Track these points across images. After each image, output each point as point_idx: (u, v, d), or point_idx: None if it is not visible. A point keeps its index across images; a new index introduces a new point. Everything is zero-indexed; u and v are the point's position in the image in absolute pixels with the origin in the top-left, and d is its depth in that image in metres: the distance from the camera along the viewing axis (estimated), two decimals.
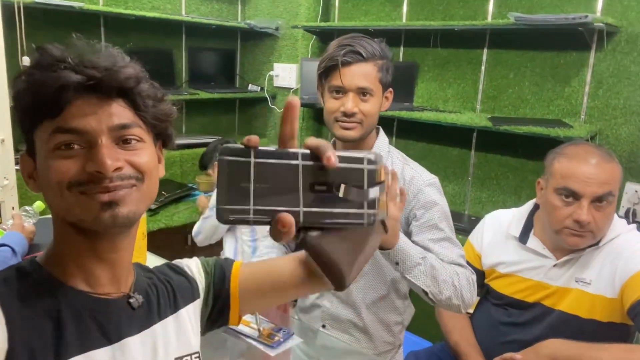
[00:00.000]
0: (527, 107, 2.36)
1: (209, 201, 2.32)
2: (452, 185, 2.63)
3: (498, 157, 2.47)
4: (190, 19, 2.89)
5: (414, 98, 2.73)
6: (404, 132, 2.73)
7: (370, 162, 0.47)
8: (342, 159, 0.46)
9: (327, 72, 1.28)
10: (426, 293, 1.16)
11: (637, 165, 2.07)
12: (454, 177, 2.62)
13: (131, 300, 0.68)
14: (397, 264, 1.16)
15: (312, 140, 0.48)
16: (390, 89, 1.33)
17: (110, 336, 0.64)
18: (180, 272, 0.80)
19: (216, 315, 0.81)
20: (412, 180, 1.30)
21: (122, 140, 0.61)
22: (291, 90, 3.22)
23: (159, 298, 0.73)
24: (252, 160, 0.46)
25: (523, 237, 1.37)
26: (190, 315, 0.77)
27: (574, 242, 1.23)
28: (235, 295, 0.79)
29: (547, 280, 1.31)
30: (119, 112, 0.61)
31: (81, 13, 2.38)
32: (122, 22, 2.62)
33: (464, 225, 2.37)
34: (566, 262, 1.29)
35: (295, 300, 2.50)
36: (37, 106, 0.59)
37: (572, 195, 1.21)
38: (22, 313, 0.59)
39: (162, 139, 0.69)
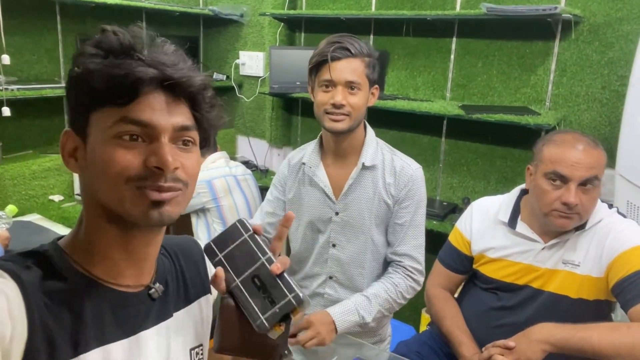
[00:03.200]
0: (495, 95, 2.44)
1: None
2: (424, 172, 2.66)
3: (468, 144, 2.55)
4: (152, 5, 2.76)
5: (385, 87, 2.76)
6: (376, 120, 2.74)
7: (296, 298, 0.61)
8: (283, 280, 0.62)
9: (317, 67, 1.36)
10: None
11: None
12: (425, 164, 2.65)
13: (151, 292, 0.69)
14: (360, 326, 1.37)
15: (282, 256, 0.64)
16: (376, 86, 1.40)
17: (127, 329, 0.65)
18: (192, 258, 0.80)
19: None
20: (402, 170, 1.43)
21: (180, 140, 0.63)
22: (259, 79, 3.16)
23: (178, 285, 0.75)
24: (246, 236, 0.67)
25: (512, 222, 1.42)
26: (202, 306, 0.78)
27: (562, 223, 1.29)
28: None
29: (536, 263, 1.37)
30: (184, 113, 0.63)
31: (35, 0, 2.22)
32: (79, 8, 2.47)
33: (436, 210, 2.45)
34: (554, 245, 1.36)
35: None
36: (108, 91, 0.59)
37: (560, 179, 1.27)
38: (43, 301, 0.59)
39: (204, 142, 0.70)
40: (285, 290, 0.61)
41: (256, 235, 0.64)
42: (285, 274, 0.62)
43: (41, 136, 2.50)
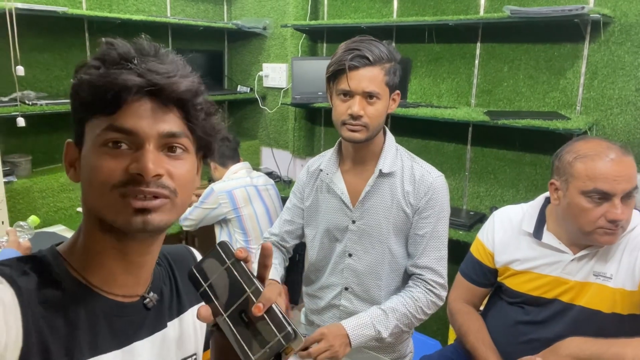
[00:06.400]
0: (522, 100, 2.36)
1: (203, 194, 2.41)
2: (449, 180, 2.62)
3: (494, 151, 2.47)
4: (177, 20, 2.82)
5: (407, 94, 2.71)
6: (399, 128, 2.71)
7: (287, 336, 0.56)
8: (272, 315, 0.56)
9: (335, 75, 1.31)
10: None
11: (634, 154, 2.08)
12: (450, 172, 2.61)
13: (146, 301, 0.69)
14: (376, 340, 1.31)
15: (269, 288, 0.58)
16: (398, 91, 1.36)
17: (121, 340, 0.65)
18: (186, 268, 0.77)
19: None
20: (422, 178, 1.37)
21: (168, 147, 0.62)
22: (282, 90, 3.17)
23: (172, 294, 0.74)
24: (229, 263, 0.61)
25: (537, 233, 1.35)
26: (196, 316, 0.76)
27: (609, 240, 1.22)
28: None
29: (565, 276, 1.29)
30: (171, 120, 0.62)
31: (65, 18, 2.30)
32: (106, 25, 2.54)
33: (462, 220, 2.37)
34: (584, 256, 1.28)
35: (296, 302, 2.50)
36: (95, 100, 0.60)
37: (602, 195, 1.19)
38: (39, 308, 0.59)
39: (204, 151, 0.69)
40: (274, 329, 0.56)
41: (241, 262, 0.60)
42: (275, 307, 0.57)
43: None
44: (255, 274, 0.61)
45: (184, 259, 0.80)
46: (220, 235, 2.49)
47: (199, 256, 0.83)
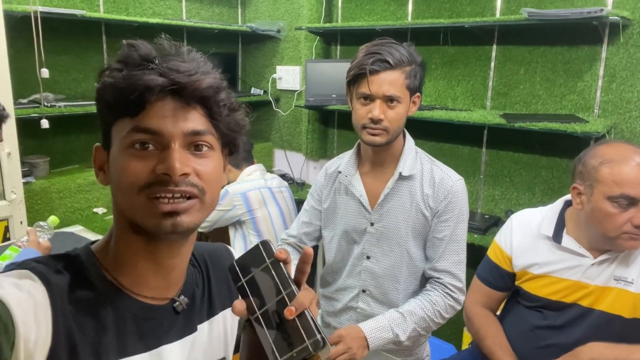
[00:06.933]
0: (539, 102, 2.34)
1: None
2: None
3: (510, 154, 2.45)
4: (192, 23, 2.84)
5: (422, 97, 2.70)
6: (413, 131, 2.68)
7: (315, 343, 0.55)
8: (303, 320, 0.57)
9: (355, 79, 1.31)
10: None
11: None
12: (465, 175, 2.57)
13: (175, 305, 0.68)
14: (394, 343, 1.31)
15: (303, 293, 0.58)
16: (418, 94, 1.36)
17: (149, 342, 0.65)
18: (222, 268, 0.77)
19: None
20: (442, 181, 1.37)
21: (193, 145, 0.62)
22: (295, 93, 3.18)
23: (203, 296, 0.74)
24: (268, 263, 0.61)
25: (557, 237, 1.34)
26: (227, 318, 0.76)
27: (633, 245, 1.20)
28: None
29: (585, 280, 1.28)
30: (195, 118, 0.62)
31: (83, 21, 2.34)
32: (123, 28, 2.57)
33: (477, 223, 2.35)
34: (604, 260, 1.26)
35: None
36: (120, 103, 0.60)
37: (630, 201, 1.18)
38: (69, 307, 0.59)
39: (230, 147, 0.69)
40: (304, 334, 0.56)
41: (280, 263, 0.60)
42: (307, 313, 0.57)
43: (87, 151, 2.60)
44: (292, 276, 0.61)
45: (221, 257, 0.79)
46: (235, 237, 2.50)
47: (236, 255, 0.83)
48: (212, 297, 0.75)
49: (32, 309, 0.55)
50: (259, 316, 0.59)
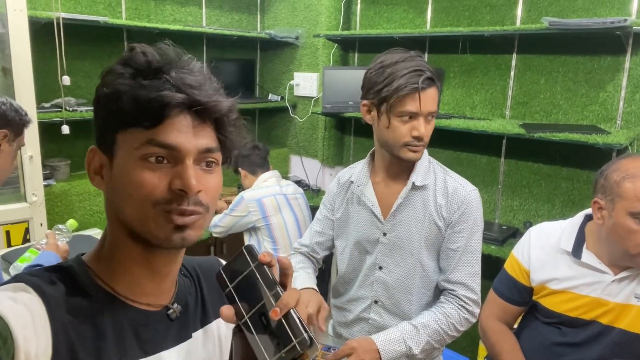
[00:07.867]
0: (560, 113, 2.30)
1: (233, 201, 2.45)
2: (482, 193, 2.54)
3: (529, 165, 2.41)
4: (212, 30, 2.87)
5: (440, 105, 2.68)
6: (430, 139, 2.68)
7: (302, 343, 0.55)
8: (289, 320, 0.57)
9: (396, 96, 1.24)
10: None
11: None
12: (483, 185, 2.56)
13: (169, 312, 0.69)
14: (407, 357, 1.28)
15: (288, 293, 0.58)
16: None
17: (147, 348, 0.65)
18: (214, 280, 0.77)
19: None
20: (455, 191, 1.35)
21: (204, 162, 0.63)
22: (312, 99, 3.19)
23: (196, 305, 0.74)
24: (252, 267, 0.61)
25: (576, 252, 1.31)
26: (221, 326, 0.77)
27: None
28: None
29: (605, 297, 1.24)
30: (208, 135, 0.63)
31: (105, 27, 2.38)
32: (144, 34, 2.61)
33: (494, 234, 2.32)
34: (625, 277, 1.23)
35: None
36: (134, 113, 0.59)
37: None
38: (67, 317, 0.59)
39: (227, 161, 0.70)
40: (290, 334, 0.56)
41: (264, 266, 0.60)
42: (293, 313, 0.57)
43: None
44: (278, 279, 0.61)
45: (213, 268, 0.79)
46: (249, 241, 2.51)
47: None
48: (205, 306, 0.75)
49: (30, 322, 0.55)
50: (247, 321, 0.59)
